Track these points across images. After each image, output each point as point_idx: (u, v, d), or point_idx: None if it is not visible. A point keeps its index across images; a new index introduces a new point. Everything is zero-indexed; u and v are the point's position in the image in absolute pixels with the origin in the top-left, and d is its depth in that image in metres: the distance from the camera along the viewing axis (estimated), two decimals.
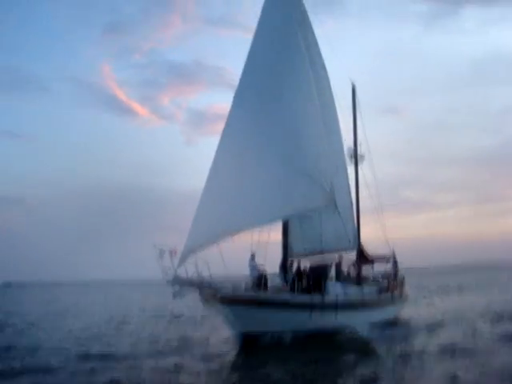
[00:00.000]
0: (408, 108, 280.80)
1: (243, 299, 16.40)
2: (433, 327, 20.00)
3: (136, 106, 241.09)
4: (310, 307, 17.58)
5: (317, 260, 21.74)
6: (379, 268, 26.63)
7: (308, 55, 20.17)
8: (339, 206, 19.88)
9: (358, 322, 19.64)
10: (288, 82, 18.17)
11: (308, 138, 17.81)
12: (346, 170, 24.28)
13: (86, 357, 15.50)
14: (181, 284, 15.61)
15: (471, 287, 49.68)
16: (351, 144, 25.99)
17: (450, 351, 14.36)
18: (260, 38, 19.03)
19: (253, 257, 18.57)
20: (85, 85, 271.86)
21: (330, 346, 16.76)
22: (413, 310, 27.21)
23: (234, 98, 17.98)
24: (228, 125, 17.48)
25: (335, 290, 19.47)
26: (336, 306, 18.63)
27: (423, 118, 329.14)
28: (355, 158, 25.78)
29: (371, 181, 25.99)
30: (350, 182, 24.84)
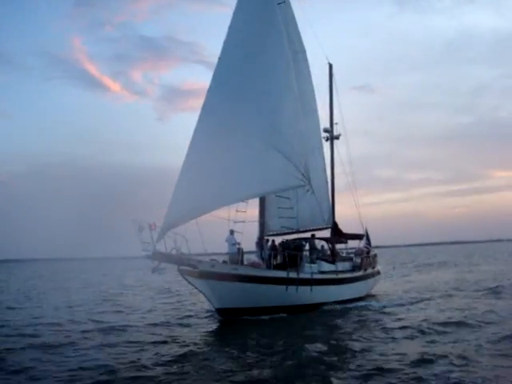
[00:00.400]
0: (381, 86, 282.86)
1: (222, 274, 16.68)
2: (404, 302, 20.75)
3: (107, 81, 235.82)
4: (287, 283, 17.99)
5: (291, 237, 22.23)
6: (352, 245, 27.32)
7: (287, 34, 20.22)
8: (314, 185, 20.27)
9: (332, 298, 20.30)
10: (266, 61, 18.24)
11: (285, 118, 17.97)
12: (322, 148, 24.64)
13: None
14: (160, 259, 15.75)
15: (441, 264, 51.19)
16: (327, 123, 26.38)
17: (416, 326, 14.82)
18: (239, 16, 18.95)
19: (232, 232, 18.83)
20: (56, 59, 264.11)
21: (305, 321, 17.20)
22: (384, 285, 28.10)
23: (214, 74, 17.97)
24: (207, 101, 17.50)
25: (310, 267, 19.92)
26: (311, 282, 19.08)
27: (396, 97, 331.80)
28: (331, 137, 26.17)
29: (346, 159, 26.49)
30: (326, 161, 25.26)
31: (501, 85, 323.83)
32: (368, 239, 28.22)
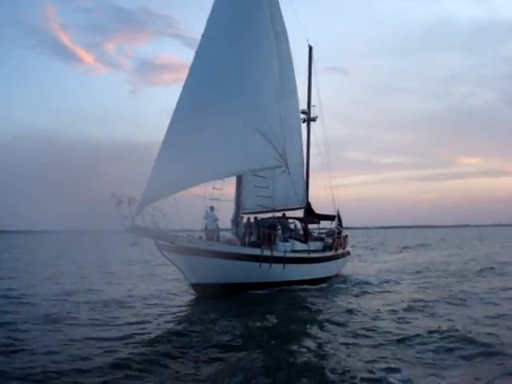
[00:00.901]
0: (357, 69, 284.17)
1: (198, 250, 17.05)
2: (372, 281, 21.75)
3: (81, 52, 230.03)
4: (260, 260, 18.49)
5: (265, 216, 22.72)
6: (324, 226, 27.98)
7: (270, 15, 20.37)
8: (291, 166, 20.64)
9: (304, 276, 20.94)
10: (249, 41, 18.39)
11: (266, 99, 18.24)
12: (300, 130, 25.02)
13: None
14: (138, 233, 16.00)
15: (408, 248, 52.63)
16: (305, 105, 26.79)
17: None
18: None
19: (212, 209, 19.19)
20: (28, 28, 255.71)
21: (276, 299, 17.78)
22: (354, 266, 29.00)
23: (196, 52, 17.98)
24: (189, 79, 17.57)
25: (284, 245, 20.46)
26: (284, 260, 19.63)
27: (371, 80, 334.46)
28: (308, 119, 26.64)
29: (321, 141, 27.03)
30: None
31: (475, 73, 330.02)
32: (339, 220, 28.96)
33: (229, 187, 21.05)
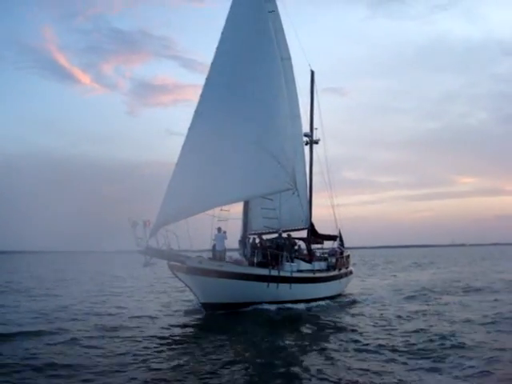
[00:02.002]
0: (352, 89, 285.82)
1: (208, 270, 17.54)
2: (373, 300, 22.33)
3: (78, 73, 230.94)
4: (268, 280, 18.96)
5: (272, 237, 23.22)
6: (326, 246, 28.48)
7: (276, 41, 21.17)
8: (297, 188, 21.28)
9: (309, 295, 21.39)
10: (259, 67, 19.11)
11: (277, 123, 18.93)
12: (303, 152, 25.68)
13: None
14: (152, 254, 16.51)
15: (404, 268, 53.12)
16: (307, 128, 27.48)
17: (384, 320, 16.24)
18: (232, 22, 19.70)
19: (219, 230, 19.71)
20: (26, 48, 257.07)
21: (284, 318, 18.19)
22: (355, 285, 29.44)
23: (207, 79, 18.67)
24: (200, 105, 18.22)
25: (290, 265, 20.94)
26: (290, 280, 20.10)
27: (367, 100, 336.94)
28: (311, 142, 27.35)
29: (323, 162, 27.74)
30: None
31: (469, 93, 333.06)
32: (341, 240, 29.45)
33: (236, 206, 21.66)
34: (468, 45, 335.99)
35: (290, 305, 19.68)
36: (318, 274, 22.91)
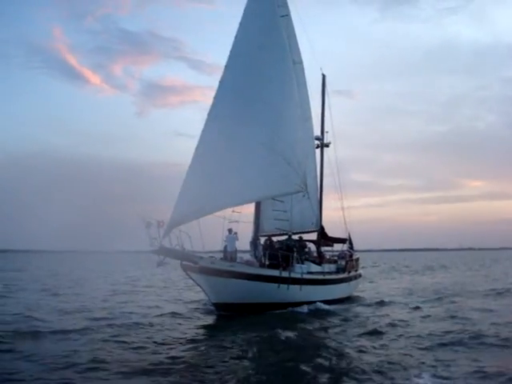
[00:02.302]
0: (360, 92, 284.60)
1: (220, 271, 17.80)
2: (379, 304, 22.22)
3: (87, 73, 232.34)
4: (279, 281, 19.17)
5: (283, 239, 23.44)
6: (336, 247, 28.67)
7: (288, 45, 21.44)
8: (308, 190, 21.52)
9: (319, 297, 21.56)
10: (272, 71, 19.38)
11: (288, 125, 19.22)
12: (314, 155, 25.93)
13: None
14: (165, 254, 16.79)
15: (413, 271, 53.09)
16: (318, 131, 27.74)
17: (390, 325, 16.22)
18: (246, 27, 19.96)
19: (230, 231, 19.98)
20: (36, 49, 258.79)
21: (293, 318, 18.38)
22: (365, 288, 29.59)
23: (220, 82, 18.93)
24: (214, 108, 18.50)
25: (300, 267, 21.14)
26: (301, 282, 20.29)
27: (375, 103, 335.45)
28: (321, 145, 27.59)
29: (333, 165, 27.95)
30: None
31: (477, 96, 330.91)
32: (350, 243, 29.60)
33: (247, 208, 21.94)
34: (477, 48, 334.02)
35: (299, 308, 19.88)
36: (327, 276, 23.09)
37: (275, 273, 19.29)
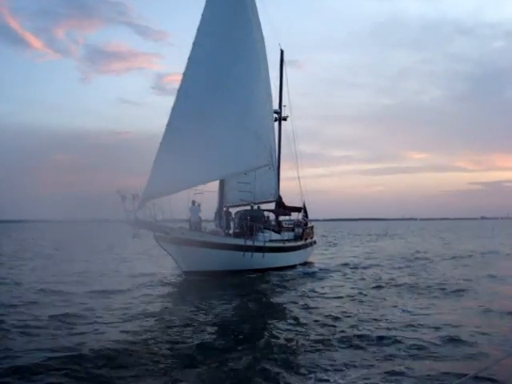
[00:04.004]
0: (309, 63, 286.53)
1: (190, 240, 18.84)
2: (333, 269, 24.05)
3: (29, 37, 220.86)
4: (244, 249, 20.45)
5: (245, 209, 24.67)
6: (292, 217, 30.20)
7: (254, 22, 22.20)
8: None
9: (279, 263, 23.07)
10: (239, 49, 20.24)
11: (256, 102, 20.22)
12: (274, 129, 26.96)
13: None
14: (139, 226, 17.62)
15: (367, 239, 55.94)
16: (276, 105, 28.75)
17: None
18: (213, 4, 20.55)
19: (194, 203, 20.93)
20: None
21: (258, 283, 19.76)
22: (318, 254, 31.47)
23: (189, 59, 19.38)
24: (184, 85, 19.00)
25: (263, 236, 22.47)
26: (263, 249, 21.65)
27: (323, 74, 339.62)
28: (279, 119, 28.72)
29: (290, 138, 29.23)
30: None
31: (424, 70, 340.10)
32: (305, 212, 31.22)
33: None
34: (424, 23, 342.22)
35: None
36: (287, 244, 24.59)
37: (240, 242, 20.51)
